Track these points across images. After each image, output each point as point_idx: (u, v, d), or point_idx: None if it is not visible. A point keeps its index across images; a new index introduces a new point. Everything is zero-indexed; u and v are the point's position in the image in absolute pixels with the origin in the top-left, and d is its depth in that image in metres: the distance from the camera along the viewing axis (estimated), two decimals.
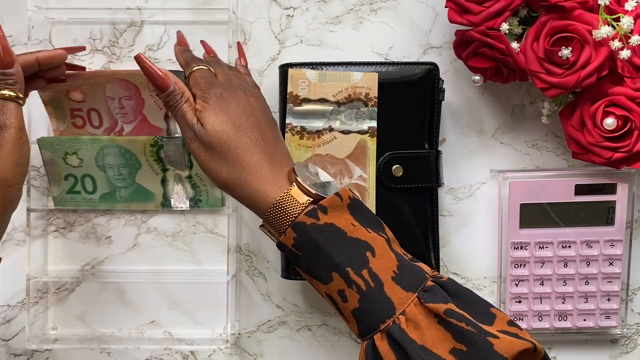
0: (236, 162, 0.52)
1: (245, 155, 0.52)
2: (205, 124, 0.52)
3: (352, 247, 0.50)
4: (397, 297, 0.49)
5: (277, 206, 0.51)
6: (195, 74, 0.56)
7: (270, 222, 0.52)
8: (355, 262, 0.49)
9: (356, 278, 0.49)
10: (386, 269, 0.50)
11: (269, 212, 0.51)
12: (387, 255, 0.50)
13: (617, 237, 0.68)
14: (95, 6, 0.70)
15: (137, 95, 0.67)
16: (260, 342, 0.72)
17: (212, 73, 0.56)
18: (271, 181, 0.52)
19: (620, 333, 0.70)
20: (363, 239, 0.50)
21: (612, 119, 0.62)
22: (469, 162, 0.71)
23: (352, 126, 0.65)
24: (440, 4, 0.68)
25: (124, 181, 0.69)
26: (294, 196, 0.51)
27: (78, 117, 0.68)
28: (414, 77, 0.65)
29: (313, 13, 0.70)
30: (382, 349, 0.48)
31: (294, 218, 0.50)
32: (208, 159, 0.52)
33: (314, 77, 0.65)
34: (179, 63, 0.60)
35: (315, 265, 0.50)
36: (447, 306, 0.48)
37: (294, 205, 0.50)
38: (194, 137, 0.52)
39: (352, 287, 0.49)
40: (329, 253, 0.49)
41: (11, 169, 0.53)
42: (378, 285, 0.49)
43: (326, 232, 0.50)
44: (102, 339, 0.72)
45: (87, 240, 0.72)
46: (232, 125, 0.52)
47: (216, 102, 0.53)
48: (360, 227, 0.51)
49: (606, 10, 0.60)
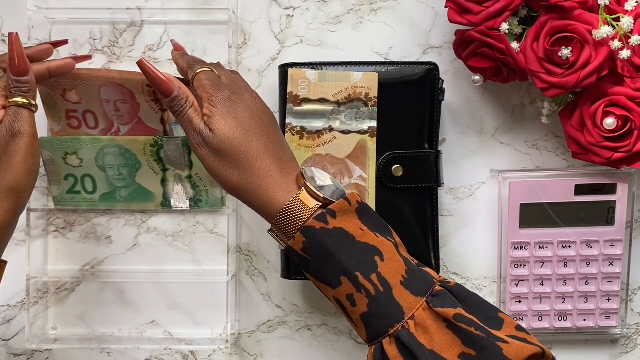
0: (247, 167, 0.51)
1: (256, 160, 0.52)
2: (215, 129, 0.51)
3: (361, 251, 0.50)
4: (406, 302, 0.49)
5: (286, 211, 0.50)
6: (200, 76, 0.55)
7: (279, 226, 0.51)
8: (365, 267, 0.49)
9: (365, 282, 0.49)
10: (395, 273, 0.50)
11: (278, 216, 0.51)
12: (395, 259, 0.50)
13: (617, 237, 0.68)
14: (95, 6, 0.70)
15: (132, 100, 0.67)
16: (260, 342, 0.72)
17: (217, 75, 0.56)
18: (281, 186, 0.52)
19: (620, 333, 0.70)
20: (372, 244, 0.50)
21: (612, 119, 0.62)
22: (469, 162, 0.71)
23: (352, 126, 0.65)
24: (440, 4, 0.68)
25: (124, 181, 0.69)
26: (303, 200, 0.50)
27: (74, 118, 0.68)
28: (414, 77, 0.65)
29: (313, 13, 0.70)
30: (391, 353, 0.48)
31: (304, 222, 0.50)
32: (217, 164, 0.52)
33: (314, 77, 0.65)
34: (180, 67, 0.60)
35: (324, 269, 0.50)
36: (457, 311, 0.48)
37: (303, 209, 0.50)
38: (202, 143, 0.52)
39: (361, 292, 0.49)
40: (338, 257, 0.49)
41: (25, 175, 0.53)
42: (387, 289, 0.49)
43: (335, 236, 0.50)
44: (102, 339, 0.72)
45: (87, 240, 0.72)
46: (241, 130, 0.52)
47: (224, 106, 0.52)
48: (369, 231, 0.51)
49: (606, 10, 0.60)
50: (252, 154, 0.52)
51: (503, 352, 0.46)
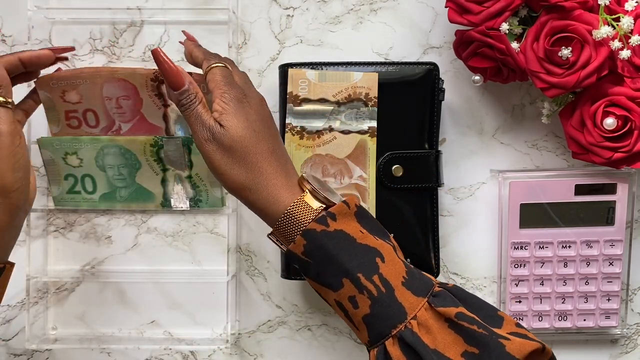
0: (254, 167, 0.51)
1: (264, 161, 0.52)
2: (227, 126, 0.51)
3: (362, 253, 0.50)
4: (408, 302, 0.48)
5: (290, 212, 0.50)
6: (216, 70, 0.54)
7: (281, 229, 0.51)
8: (366, 268, 0.49)
9: (367, 283, 0.49)
10: (396, 274, 0.50)
11: (280, 219, 0.51)
12: (395, 261, 0.50)
13: (617, 237, 0.68)
14: (95, 6, 0.70)
15: (136, 95, 0.67)
16: (260, 342, 0.72)
17: (231, 72, 0.55)
18: (285, 187, 0.52)
19: (620, 333, 0.70)
20: (372, 246, 0.50)
21: (612, 119, 0.62)
22: (469, 162, 0.71)
23: (352, 126, 0.65)
24: (440, 4, 0.68)
25: (124, 181, 0.69)
26: (307, 202, 0.51)
27: (73, 118, 0.68)
28: (414, 77, 0.65)
29: (313, 13, 0.70)
30: (394, 354, 0.48)
31: (305, 225, 0.50)
32: (224, 161, 0.51)
33: (314, 77, 0.65)
34: (194, 57, 0.58)
35: (325, 272, 0.50)
36: (458, 309, 0.48)
37: (306, 211, 0.50)
38: (210, 138, 0.51)
39: (363, 293, 0.49)
40: (339, 259, 0.49)
41: (9, 175, 0.53)
42: (389, 290, 0.49)
43: (336, 238, 0.49)
44: (102, 339, 0.72)
45: (87, 240, 0.72)
46: (252, 131, 0.52)
47: (237, 106, 0.52)
48: (368, 234, 0.51)
49: (606, 10, 0.60)
50: (261, 155, 0.52)
51: (505, 348, 0.46)
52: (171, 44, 0.70)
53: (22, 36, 0.70)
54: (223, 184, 0.53)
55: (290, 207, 0.50)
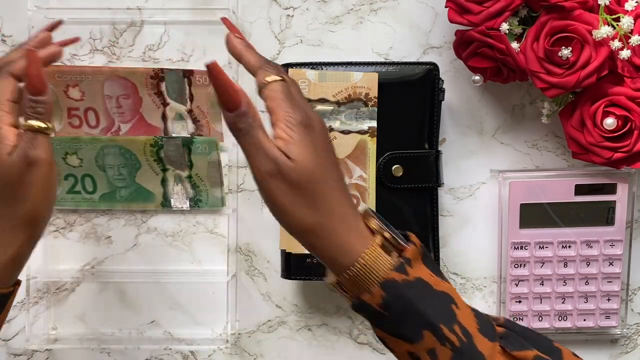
0: (323, 207, 0.44)
1: (332, 199, 0.45)
2: (295, 158, 0.43)
3: (438, 300, 0.45)
4: (486, 350, 0.45)
5: (365, 263, 0.44)
6: (276, 86, 0.46)
7: (352, 280, 0.45)
8: (446, 318, 0.45)
9: (449, 334, 0.44)
10: (470, 320, 0.46)
11: (352, 269, 0.44)
12: (464, 305, 0.47)
13: (617, 237, 0.68)
14: (95, 6, 0.70)
15: (135, 94, 0.67)
16: (260, 342, 0.72)
17: (289, 88, 0.46)
18: (356, 231, 0.45)
19: (620, 333, 0.70)
20: (446, 291, 0.46)
21: (612, 119, 0.62)
22: (469, 162, 0.71)
23: (352, 126, 0.65)
24: (440, 4, 0.68)
25: (124, 181, 0.69)
26: (382, 249, 0.45)
27: (75, 116, 0.68)
28: (414, 77, 0.65)
29: (313, 13, 0.70)
30: None
31: (384, 276, 0.44)
32: (290, 200, 0.44)
33: (314, 77, 0.65)
34: (246, 62, 0.49)
35: (403, 323, 0.45)
36: (534, 353, 0.46)
37: (382, 260, 0.45)
38: (276, 173, 0.43)
39: (445, 344, 0.44)
40: (420, 310, 0.44)
41: (43, 205, 0.49)
42: (469, 339, 0.45)
43: (416, 287, 0.45)
44: (102, 339, 0.72)
45: (87, 240, 0.72)
46: (321, 165, 0.45)
47: (304, 132, 0.44)
48: (437, 278, 0.46)
49: (606, 10, 0.60)
50: (330, 194, 0.45)
51: None
52: (171, 44, 0.70)
53: (22, 36, 0.70)
54: (285, 225, 0.46)
55: (363, 258, 0.44)
